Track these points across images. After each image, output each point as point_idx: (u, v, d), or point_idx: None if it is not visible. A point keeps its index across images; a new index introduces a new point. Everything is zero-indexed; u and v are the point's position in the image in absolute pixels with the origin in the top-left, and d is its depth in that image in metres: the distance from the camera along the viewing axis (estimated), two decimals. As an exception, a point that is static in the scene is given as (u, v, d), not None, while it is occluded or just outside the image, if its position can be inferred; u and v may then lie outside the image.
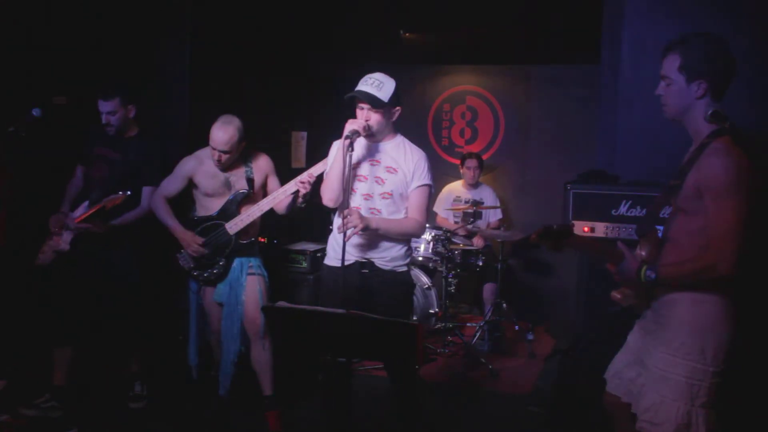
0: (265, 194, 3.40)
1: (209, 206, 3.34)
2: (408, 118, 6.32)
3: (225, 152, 3.19)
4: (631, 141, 3.51)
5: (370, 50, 6.08)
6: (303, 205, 3.16)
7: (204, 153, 3.34)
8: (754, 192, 1.94)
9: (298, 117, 5.78)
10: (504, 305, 4.95)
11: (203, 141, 3.34)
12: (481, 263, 4.98)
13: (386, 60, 6.27)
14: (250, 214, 3.28)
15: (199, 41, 4.38)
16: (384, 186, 2.81)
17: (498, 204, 5.56)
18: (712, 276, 1.95)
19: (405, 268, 2.90)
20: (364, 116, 2.76)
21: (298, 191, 3.11)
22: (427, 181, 2.83)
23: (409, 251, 2.94)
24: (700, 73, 2.04)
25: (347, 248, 2.69)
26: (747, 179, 1.92)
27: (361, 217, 2.66)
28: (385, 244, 2.83)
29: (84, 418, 3.36)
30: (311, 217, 5.27)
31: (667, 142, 3.18)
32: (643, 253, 2.22)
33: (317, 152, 4.32)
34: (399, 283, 2.87)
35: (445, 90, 6.32)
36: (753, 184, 1.94)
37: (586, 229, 3.30)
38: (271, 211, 3.30)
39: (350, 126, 2.69)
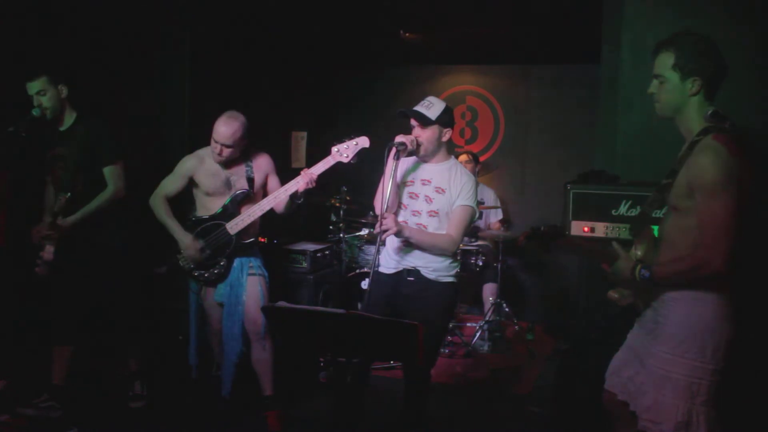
0: (265, 194, 3.40)
1: (209, 206, 3.34)
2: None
3: (227, 146, 3.19)
4: (630, 141, 3.51)
5: (370, 50, 6.09)
6: (300, 200, 3.18)
7: (205, 152, 3.34)
8: (749, 189, 1.94)
9: (298, 117, 5.79)
10: (504, 305, 4.95)
11: (203, 140, 3.34)
12: (481, 263, 4.97)
13: (386, 60, 6.30)
14: (251, 213, 3.28)
15: (200, 41, 4.38)
16: (431, 205, 2.91)
17: (498, 205, 5.56)
18: (706, 273, 1.95)
19: (450, 279, 2.96)
20: (415, 133, 2.90)
21: (297, 190, 3.12)
22: (469, 202, 2.91)
23: (455, 264, 3.00)
24: (694, 71, 2.05)
25: (395, 256, 2.95)
26: (738, 176, 1.92)
27: (396, 222, 2.77)
28: (430, 255, 2.91)
29: (84, 418, 3.36)
30: (311, 217, 5.28)
31: (667, 142, 3.18)
32: (639, 253, 2.22)
33: (317, 152, 4.33)
34: (440, 292, 2.94)
35: (445, 90, 6.32)
36: (746, 181, 1.94)
37: (586, 229, 3.30)
38: (272, 211, 3.30)
39: (399, 138, 2.82)
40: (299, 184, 3.12)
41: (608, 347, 2.43)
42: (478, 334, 4.85)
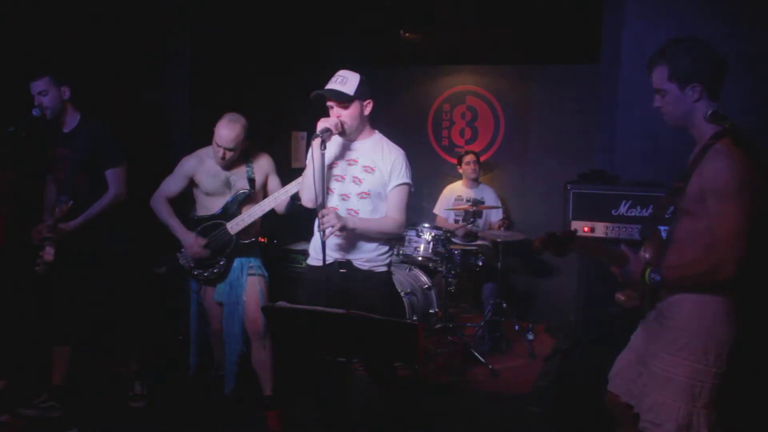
0: (265, 194, 3.40)
1: (210, 206, 3.34)
2: (408, 118, 6.36)
3: (229, 150, 3.19)
4: (630, 141, 3.52)
5: (370, 50, 6.09)
6: (300, 201, 3.17)
7: (205, 152, 3.35)
8: (756, 192, 1.94)
9: (298, 117, 5.79)
10: (504, 305, 4.95)
11: (204, 140, 3.34)
12: (481, 263, 4.97)
13: (386, 60, 6.30)
14: (252, 213, 3.28)
15: (200, 41, 4.39)
16: (361, 186, 2.76)
17: (499, 205, 5.56)
18: (716, 278, 1.94)
19: (384, 269, 2.85)
20: (335, 114, 2.72)
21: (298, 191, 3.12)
22: (405, 179, 2.78)
23: (390, 252, 2.89)
24: (692, 77, 2.04)
25: (323, 248, 2.67)
26: (749, 180, 1.92)
27: (338, 217, 2.63)
28: (363, 245, 2.79)
29: (84, 418, 3.36)
30: (311, 217, 5.28)
31: (666, 142, 3.19)
32: (648, 255, 2.21)
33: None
34: (376, 283, 2.82)
35: (445, 90, 6.32)
36: (755, 185, 1.93)
37: (586, 229, 3.30)
38: (272, 211, 3.31)
39: (322, 124, 2.66)
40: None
41: (608, 347, 2.43)
42: (478, 334, 4.85)
